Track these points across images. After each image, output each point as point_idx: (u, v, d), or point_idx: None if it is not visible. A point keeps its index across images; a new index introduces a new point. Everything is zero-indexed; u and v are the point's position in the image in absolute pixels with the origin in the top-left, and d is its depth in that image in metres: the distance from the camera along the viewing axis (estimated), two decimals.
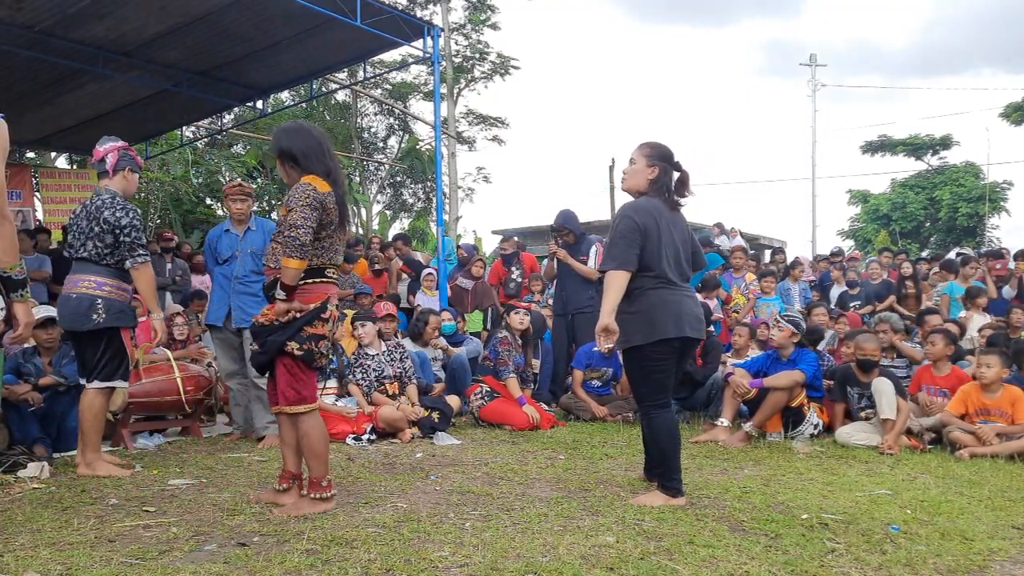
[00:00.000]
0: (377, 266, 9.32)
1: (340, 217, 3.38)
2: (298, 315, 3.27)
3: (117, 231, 4.14)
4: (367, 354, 5.90)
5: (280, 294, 3.23)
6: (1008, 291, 8.38)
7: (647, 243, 3.50)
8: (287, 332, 3.27)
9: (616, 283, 3.49)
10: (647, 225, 3.50)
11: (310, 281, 3.30)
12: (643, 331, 3.52)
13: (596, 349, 6.38)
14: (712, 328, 7.00)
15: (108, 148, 4.29)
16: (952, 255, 11.31)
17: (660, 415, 3.61)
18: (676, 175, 3.66)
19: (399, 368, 5.96)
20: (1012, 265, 8.88)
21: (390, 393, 5.79)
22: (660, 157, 3.64)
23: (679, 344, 3.58)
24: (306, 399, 3.37)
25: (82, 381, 4.33)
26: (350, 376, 5.87)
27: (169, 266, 8.57)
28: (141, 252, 4.19)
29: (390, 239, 11.02)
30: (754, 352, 6.53)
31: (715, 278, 8.25)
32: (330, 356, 3.47)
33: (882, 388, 5.20)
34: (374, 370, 5.84)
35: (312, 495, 3.34)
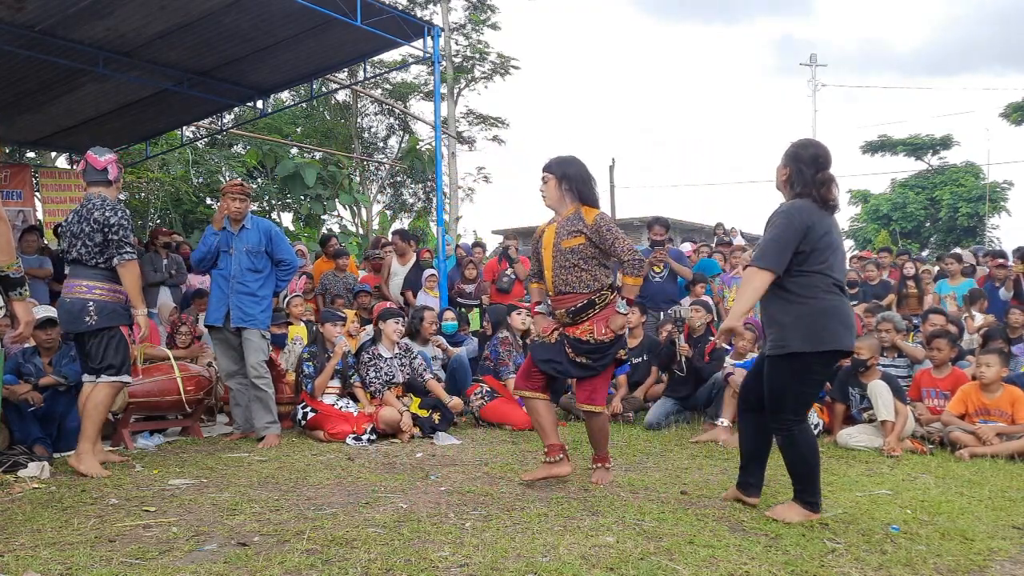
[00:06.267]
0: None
1: None
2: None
3: (106, 229, 4.26)
4: (381, 355, 5.91)
5: (624, 309, 3.90)
6: (1004, 293, 8.37)
7: (818, 243, 3.22)
8: (620, 343, 3.90)
9: (756, 283, 3.24)
10: (810, 225, 3.21)
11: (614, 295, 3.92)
12: (811, 338, 3.18)
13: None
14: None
15: (109, 160, 4.44)
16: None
17: (804, 431, 3.33)
18: (819, 176, 3.32)
19: (408, 373, 5.96)
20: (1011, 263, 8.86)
21: (395, 397, 5.80)
22: (792, 157, 3.40)
23: (840, 357, 3.37)
24: (603, 401, 4.00)
25: (86, 379, 4.39)
26: (355, 377, 5.86)
27: (165, 262, 8.53)
28: (128, 250, 4.30)
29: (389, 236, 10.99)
30: (755, 354, 6.52)
31: (703, 275, 8.37)
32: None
33: (878, 391, 5.19)
34: (386, 373, 5.84)
35: (607, 465, 4.08)
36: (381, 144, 24.57)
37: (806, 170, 3.33)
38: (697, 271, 8.58)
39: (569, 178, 3.86)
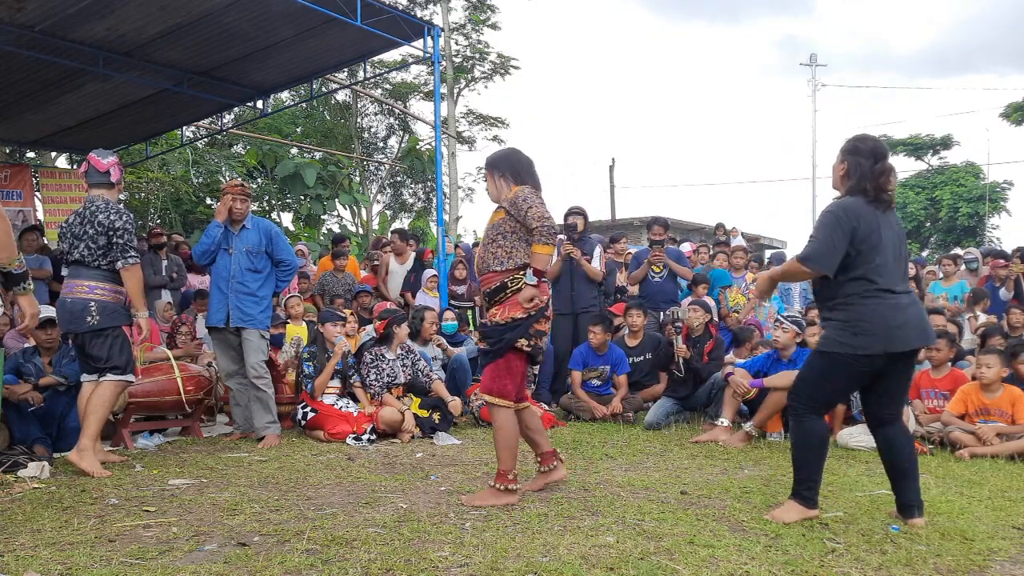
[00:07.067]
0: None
1: None
2: (531, 312, 3.53)
3: (111, 233, 4.29)
4: (383, 356, 5.90)
5: (532, 280, 3.48)
6: (1004, 293, 8.37)
7: (861, 245, 3.19)
8: (521, 330, 3.54)
9: (796, 275, 3.35)
10: (856, 226, 3.19)
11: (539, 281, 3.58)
12: (847, 341, 3.22)
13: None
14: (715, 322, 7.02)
15: (112, 162, 4.46)
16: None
17: (814, 420, 3.33)
18: (877, 167, 3.30)
19: (411, 374, 5.96)
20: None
21: (395, 397, 5.80)
22: (850, 152, 3.37)
23: (887, 358, 3.27)
24: (506, 395, 3.59)
25: (86, 378, 4.41)
26: (355, 377, 5.86)
27: (164, 263, 8.50)
28: (132, 254, 4.34)
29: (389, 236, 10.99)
30: (757, 355, 6.53)
31: (704, 275, 8.35)
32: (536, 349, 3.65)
33: None
34: (388, 374, 5.84)
35: (498, 485, 3.53)
36: (381, 144, 24.61)
37: (864, 162, 3.31)
38: (699, 273, 8.56)
39: (499, 167, 3.82)
